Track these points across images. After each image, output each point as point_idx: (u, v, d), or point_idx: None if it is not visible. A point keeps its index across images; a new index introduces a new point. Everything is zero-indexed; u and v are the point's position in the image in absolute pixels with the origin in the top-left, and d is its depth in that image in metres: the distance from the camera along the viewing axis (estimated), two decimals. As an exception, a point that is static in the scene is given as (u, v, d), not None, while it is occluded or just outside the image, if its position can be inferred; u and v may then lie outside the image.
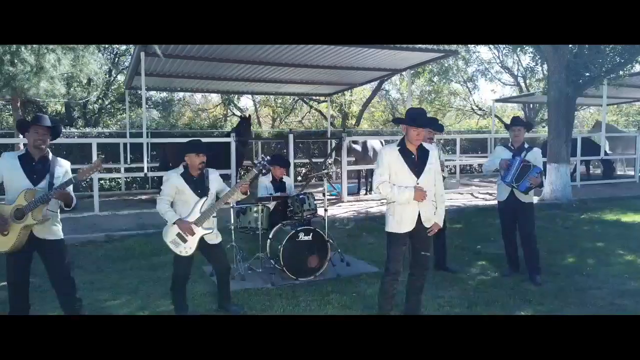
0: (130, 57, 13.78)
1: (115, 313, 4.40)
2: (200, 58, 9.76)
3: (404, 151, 3.79)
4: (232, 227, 5.65)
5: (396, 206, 3.81)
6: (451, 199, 10.86)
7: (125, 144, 12.46)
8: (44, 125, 3.70)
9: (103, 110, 17.39)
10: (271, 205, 5.86)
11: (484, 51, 25.95)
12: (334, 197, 11.00)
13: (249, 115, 11.88)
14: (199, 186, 4.16)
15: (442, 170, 5.17)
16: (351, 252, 6.47)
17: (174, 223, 4.04)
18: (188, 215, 4.08)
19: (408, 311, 4.08)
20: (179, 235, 4.07)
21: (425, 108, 25.31)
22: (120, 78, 17.25)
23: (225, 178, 10.24)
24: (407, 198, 3.71)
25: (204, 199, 4.14)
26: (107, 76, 16.97)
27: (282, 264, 5.18)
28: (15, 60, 10.02)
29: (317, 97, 19.23)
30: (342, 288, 5.00)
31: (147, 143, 9.23)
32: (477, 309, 4.37)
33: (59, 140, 12.38)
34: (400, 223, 3.80)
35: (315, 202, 5.72)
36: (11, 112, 10.92)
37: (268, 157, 4.41)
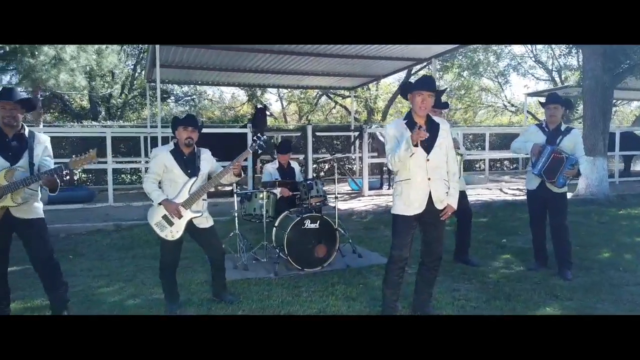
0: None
1: (105, 300, 4.17)
2: (216, 47, 9.54)
3: (411, 125, 3.38)
4: (236, 215, 5.35)
5: (403, 185, 3.41)
6: (478, 194, 10.34)
7: (145, 138, 12.37)
8: (10, 99, 3.42)
9: (127, 106, 17.46)
10: (278, 191, 5.54)
11: (516, 45, 25.04)
12: (355, 191, 10.62)
13: (265, 106, 11.59)
14: (189, 165, 3.85)
15: (458, 148, 4.74)
16: (366, 244, 6.09)
17: (159, 203, 3.75)
18: (176, 197, 3.78)
19: (416, 305, 3.68)
20: (165, 217, 3.77)
21: (455, 104, 24.62)
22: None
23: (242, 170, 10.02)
24: (406, 147, 3.24)
25: (194, 179, 3.82)
26: (132, 71, 17.03)
27: (287, 253, 4.84)
28: (36, 52, 10.03)
29: (342, 92, 18.86)
30: (349, 279, 4.63)
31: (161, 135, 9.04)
32: (496, 303, 3.92)
33: (73, 133, 12.56)
34: (409, 204, 3.39)
35: (324, 188, 5.36)
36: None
37: (264, 137, 4.07)
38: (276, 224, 5.22)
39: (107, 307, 3.99)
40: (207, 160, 3.96)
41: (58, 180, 3.46)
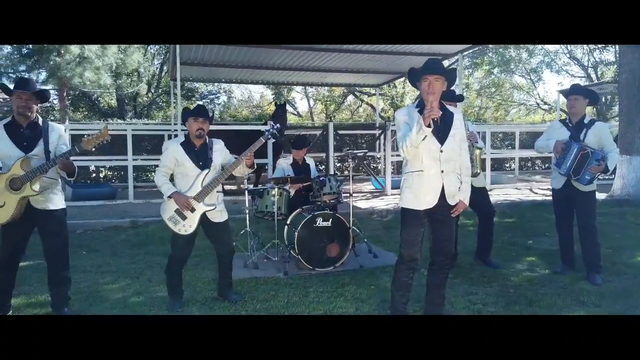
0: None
1: (109, 297, 4.08)
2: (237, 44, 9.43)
3: (423, 111, 3.16)
4: (247, 212, 5.21)
5: (415, 176, 3.18)
6: (507, 193, 9.97)
7: (169, 136, 12.40)
8: (26, 90, 3.43)
9: (153, 104, 17.62)
10: (291, 188, 5.37)
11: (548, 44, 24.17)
12: (378, 190, 10.39)
13: (284, 102, 11.44)
14: (201, 157, 3.73)
15: (477, 142, 4.48)
16: (383, 244, 5.86)
17: (169, 196, 3.64)
18: (188, 190, 3.67)
19: (428, 307, 3.45)
20: (177, 211, 3.67)
21: (485, 103, 24.00)
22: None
23: (263, 168, 9.91)
24: (417, 129, 2.99)
25: (206, 171, 3.70)
26: (158, 69, 17.18)
27: (297, 252, 4.67)
28: (62, 51, 10.17)
29: (368, 90, 18.57)
30: (361, 280, 4.43)
31: (178, 132, 9.00)
32: (516, 308, 3.65)
33: (95, 130, 12.64)
34: (419, 197, 3.16)
35: (338, 184, 5.17)
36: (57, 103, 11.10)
37: (277, 125, 3.91)
38: (288, 222, 5.05)
39: (110, 304, 3.90)
40: (220, 151, 3.84)
41: (74, 164, 3.46)
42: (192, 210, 3.64)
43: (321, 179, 5.08)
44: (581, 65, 21.61)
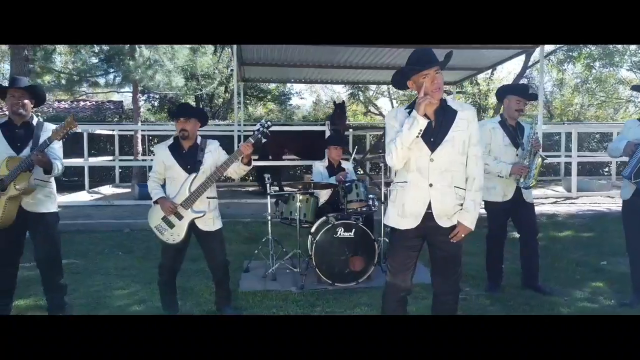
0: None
1: (111, 304, 3.96)
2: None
3: None
4: (269, 218, 4.89)
5: (399, 189, 2.66)
6: (595, 202, 8.79)
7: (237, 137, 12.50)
8: (18, 87, 3.39)
9: (229, 105, 18.00)
10: (322, 194, 4.97)
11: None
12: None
13: (343, 101, 11.03)
14: (189, 160, 3.46)
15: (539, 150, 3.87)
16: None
17: (155, 201, 3.43)
18: (175, 196, 3.43)
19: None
20: (164, 219, 3.44)
21: (588, 100, 21.75)
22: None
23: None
24: (410, 124, 2.47)
25: (194, 175, 3.43)
26: (231, 71, 17.52)
27: (315, 264, 4.28)
28: (136, 54, 10.56)
29: (447, 88, 17.55)
30: (378, 300, 3.88)
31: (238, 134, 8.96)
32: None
33: (159, 131, 13.11)
34: (403, 214, 2.62)
35: (366, 191, 4.68)
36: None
37: (269, 122, 3.56)
38: (312, 230, 4.66)
39: (108, 312, 3.76)
40: (213, 152, 3.54)
41: (49, 158, 3.32)
42: (180, 217, 3.39)
43: (347, 184, 4.63)
44: None
